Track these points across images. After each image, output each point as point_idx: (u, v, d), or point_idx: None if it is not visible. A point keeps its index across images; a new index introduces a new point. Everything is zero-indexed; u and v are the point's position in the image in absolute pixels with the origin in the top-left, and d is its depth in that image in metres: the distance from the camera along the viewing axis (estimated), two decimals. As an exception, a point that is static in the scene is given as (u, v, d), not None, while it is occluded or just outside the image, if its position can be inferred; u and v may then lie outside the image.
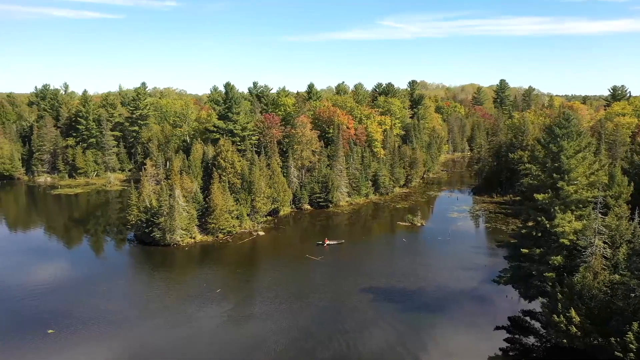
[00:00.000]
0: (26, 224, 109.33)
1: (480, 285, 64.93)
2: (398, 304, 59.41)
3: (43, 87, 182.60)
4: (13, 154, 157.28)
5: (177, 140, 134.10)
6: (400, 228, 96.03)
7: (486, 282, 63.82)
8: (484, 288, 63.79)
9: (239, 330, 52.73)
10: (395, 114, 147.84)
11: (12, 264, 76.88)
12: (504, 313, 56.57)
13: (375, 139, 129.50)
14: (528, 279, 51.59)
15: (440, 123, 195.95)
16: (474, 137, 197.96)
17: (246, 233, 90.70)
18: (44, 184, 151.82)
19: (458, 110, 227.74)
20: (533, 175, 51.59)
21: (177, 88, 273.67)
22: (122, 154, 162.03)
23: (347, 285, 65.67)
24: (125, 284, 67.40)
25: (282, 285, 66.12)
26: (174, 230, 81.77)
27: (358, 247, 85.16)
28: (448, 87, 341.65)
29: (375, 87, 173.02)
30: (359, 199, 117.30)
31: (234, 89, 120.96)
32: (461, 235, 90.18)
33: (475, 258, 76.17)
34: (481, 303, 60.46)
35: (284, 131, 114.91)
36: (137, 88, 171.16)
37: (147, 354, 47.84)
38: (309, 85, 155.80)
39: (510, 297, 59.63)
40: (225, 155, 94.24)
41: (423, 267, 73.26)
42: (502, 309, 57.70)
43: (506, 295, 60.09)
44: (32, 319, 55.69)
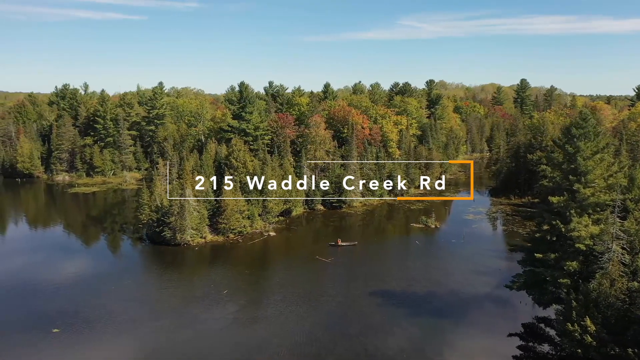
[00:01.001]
0: (44, 221, 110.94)
1: (494, 290, 62.96)
2: (408, 308, 57.89)
3: (63, 87, 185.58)
4: (33, 152, 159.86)
5: (192, 139, 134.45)
6: (414, 230, 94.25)
7: (500, 287, 61.72)
8: (497, 293, 61.79)
9: (243, 333, 51.83)
10: (412, 113, 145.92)
11: (26, 261, 77.61)
12: (517, 319, 54.49)
13: (390, 139, 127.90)
14: (542, 285, 49.58)
15: (459, 123, 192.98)
16: (493, 138, 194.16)
17: (257, 233, 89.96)
18: (62, 182, 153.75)
19: (477, 110, 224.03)
20: (548, 177, 49.59)
21: (195, 88, 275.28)
22: (138, 153, 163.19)
23: (356, 288, 64.34)
24: (133, 283, 67.14)
25: (289, 287, 65.11)
26: (184, 230, 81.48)
27: (370, 248, 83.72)
28: (468, 86, 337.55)
29: (392, 87, 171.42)
30: (372, 200, 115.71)
31: (248, 89, 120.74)
32: (476, 238, 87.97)
33: (490, 262, 74.08)
34: (494, 309, 58.62)
35: (298, 131, 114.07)
36: (154, 88, 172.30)
37: (146, 357, 47.25)
38: (325, 85, 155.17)
39: (524, 303, 57.54)
40: (237, 155, 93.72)
41: (435, 271, 71.51)
42: (516, 315, 55.70)
43: (520, 301, 57.98)
44: (39, 316, 55.75)
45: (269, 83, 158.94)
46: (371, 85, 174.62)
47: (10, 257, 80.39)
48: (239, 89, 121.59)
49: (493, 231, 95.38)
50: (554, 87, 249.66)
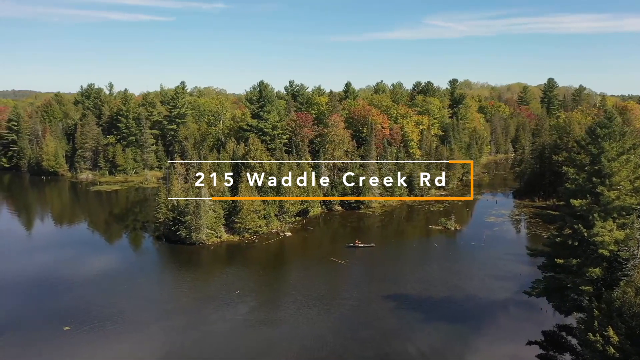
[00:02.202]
0: (67, 219, 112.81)
1: (514, 296, 60.68)
2: (423, 313, 56.19)
3: (88, 86, 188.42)
4: (58, 151, 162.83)
5: (212, 139, 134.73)
6: (433, 232, 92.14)
7: (520, 293, 59.26)
8: (517, 299, 59.47)
9: (251, 335, 50.94)
10: (434, 113, 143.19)
11: (46, 257, 78.60)
12: (537, 327, 52.33)
13: (411, 139, 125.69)
14: (563, 292, 47.28)
15: (483, 123, 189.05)
16: (518, 138, 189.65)
17: (273, 233, 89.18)
18: (86, 180, 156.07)
19: (502, 110, 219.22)
20: (571, 179, 47.28)
21: (217, 87, 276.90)
22: (160, 152, 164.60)
23: (370, 291, 62.91)
24: (146, 282, 67.01)
25: (302, 289, 64.04)
26: (200, 229, 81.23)
27: (387, 250, 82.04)
28: (493, 86, 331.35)
29: (414, 86, 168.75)
30: (392, 201, 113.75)
31: (268, 88, 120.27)
32: (497, 241, 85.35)
33: (510, 266, 71.67)
34: (513, 315, 56.53)
35: (316, 130, 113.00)
36: (176, 87, 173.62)
37: (153, 358, 46.79)
38: (346, 84, 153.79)
39: (544, 310, 55.26)
40: (254, 154, 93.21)
41: (453, 275, 69.45)
42: (536, 322, 53.54)
43: (540, 307, 55.74)
44: (51, 314, 56.05)
45: (289, 82, 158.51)
46: (393, 85, 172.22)
47: (32, 253, 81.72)
48: (258, 88, 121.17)
49: (515, 234, 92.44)
50: (583, 87, 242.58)
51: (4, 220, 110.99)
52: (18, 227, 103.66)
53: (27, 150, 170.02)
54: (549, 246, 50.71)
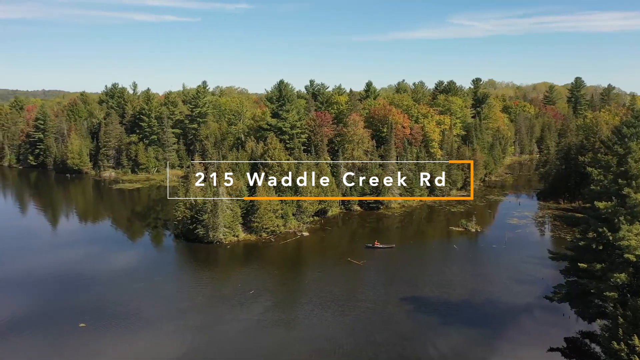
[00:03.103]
0: (90, 216, 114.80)
1: (535, 301, 58.79)
2: (440, 317, 54.89)
3: (112, 86, 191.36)
4: (82, 149, 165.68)
5: (232, 138, 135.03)
6: (453, 234, 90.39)
7: (542, 298, 57.51)
8: (539, 303, 57.65)
9: (264, 336, 50.42)
10: (456, 113, 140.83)
11: (68, 254, 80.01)
12: (559, 333, 50.65)
13: (432, 139, 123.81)
14: (586, 298, 45.49)
15: (507, 123, 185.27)
16: (544, 139, 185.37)
17: (290, 233, 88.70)
18: (109, 178, 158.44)
19: (527, 110, 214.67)
20: (595, 180, 45.46)
21: (239, 87, 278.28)
22: (181, 150, 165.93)
23: (386, 294, 61.85)
24: (163, 281, 67.12)
25: (317, 290, 63.33)
26: (217, 228, 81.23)
27: (405, 252, 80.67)
28: (518, 86, 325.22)
29: (436, 85, 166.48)
30: (411, 201, 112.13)
31: (287, 87, 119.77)
32: (519, 243, 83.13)
33: (532, 270, 69.67)
34: (535, 320, 54.83)
35: (336, 129, 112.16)
36: (197, 86, 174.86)
37: (164, 357, 46.65)
38: (367, 84, 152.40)
39: (567, 316, 53.36)
40: (272, 153, 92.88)
41: (473, 278, 67.79)
42: (558, 329, 51.82)
43: (563, 313, 53.86)
44: (68, 310, 56.61)
45: (309, 82, 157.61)
46: (414, 84, 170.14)
47: (55, 250, 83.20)
48: (278, 87, 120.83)
49: (539, 237, 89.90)
50: (612, 86, 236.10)
51: (30, 217, 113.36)
52: (43, 224, 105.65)
53: (53, 149, 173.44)
54: (572, 250, 48.89)
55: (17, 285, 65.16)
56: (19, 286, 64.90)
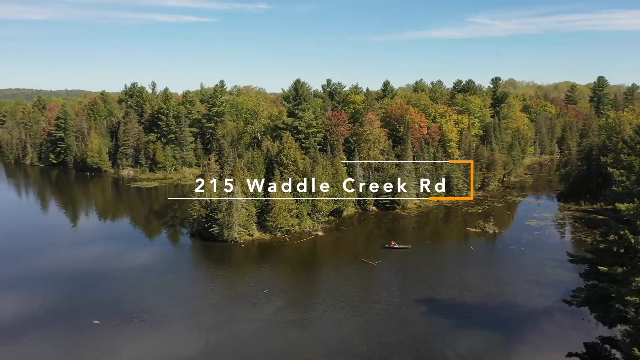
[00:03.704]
0: (109, 214, 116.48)
1: (554, 304, 57.31)
2: (456, 319, 53.89)
3: (132, 85, 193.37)
4: (101, 148, 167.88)
5: (248, 137, 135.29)
6: (470, 235, 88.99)
7: (561, 301, 56.12)
8: (557, 307, 56.12)
9: (276, 336, 50.15)
10: (474, 112, 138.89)
11: (86, 251, 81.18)
12: (579, 338, 49.44)
13: (449, 139, 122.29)
14: (607, 302, 44.12)
15: (527, 123, 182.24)
16: (565, 139, 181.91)
17: (305, 233, 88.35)
18: (127, 176, 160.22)
19: (548, 109, 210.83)
20: (617, 181, 44.05)
21: (256, 86, 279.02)
22: (198, 149, 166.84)
23: (401, 295, 61.03)
24: (177, 279, 67.43)
25: (331, 290, 62.84)
26: (232, 227, 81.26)
27: (421, 253, 79.66)
28: (539, 85, 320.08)
29: (455, 85, 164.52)
30: (428, 202, 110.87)
31: (304, 86, 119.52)
32: (538, 245, 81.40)
33: (551, 272, 68.09)
34: (553, 324, 53.46)
35: (352, 129, 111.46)
36: (215, 86, 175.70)
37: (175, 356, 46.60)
38: (385, 83, 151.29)
39: (587, 320, 51.92)
40: (287, 152, 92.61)
41: (489, 280, 66.56)
42: (578, 333, 50.53)
43: (582, 317, 52.42)
44: (84, 307, 57.32)
45: (326, 81, 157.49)
46: (432, 83, 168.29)
47: (74, 247, 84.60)
48: (294, 86, 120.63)
49: (558, 239, 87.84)
50: (636, 85, 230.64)
51: (51, 214, 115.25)
52: (64, 221, 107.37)
53: (74, 147, 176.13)
54: (592, 252, 47.54)
55: (36, 281, 66.15)
56: (38, 282, 65.88)
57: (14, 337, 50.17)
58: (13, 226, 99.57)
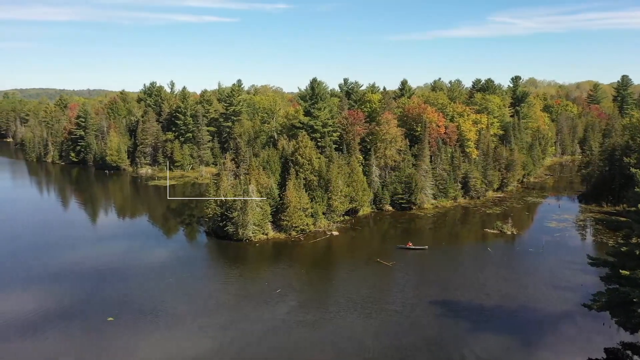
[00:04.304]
0: (127, 211, 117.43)
1: (574, 308, 55.95)
2: (471, 322, 52.85)
3: (150, 84, 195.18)
4: (120, 146, 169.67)
5: (265, 136, 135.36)
6: (488, 236, 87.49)
7: (580, 305, 54.66)
8: (577, 311, 54.84)
9: (288, 336, 49.76)
10: (493, 112, 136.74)
11: (103, 248, 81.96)
12: (599, 343, 48.12)
13: (467, 139, 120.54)
14: (628, 307, 42.71)
15: (547, 123, 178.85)
16: (587, 139, 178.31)
17: (320, 232, 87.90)
18: (145, 175, 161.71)
19: (570, 109, 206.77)
20: (639, 182, 42.65)
21: (274, 86, 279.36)
22: (215, 148, 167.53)
23: (415, 296, 60.16)
24: (191, 277, 67.53)
25: (344, 290, 62.29)
26: (247, 226, 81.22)
27: (438, 254, 78.49)
28: (561, 84, 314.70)
29: (474, 84, 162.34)
30: (445, 202, 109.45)
31: (320, 85, 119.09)
32: (557, 247, 79.60)
33: (571, 276, 66.45)
34: (572, 329, 52.14)
35: (368, 128, 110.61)
36: (232, 85, 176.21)
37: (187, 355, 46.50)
38: (402, 82, 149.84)
39: (608, 325, 50.40)
40: (303, 152, 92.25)
41: (507, 282, 65.19)
42: (598, 338, 49.21)
43: (603, 322, 50.93)
44: (98, 303, 57.77)
45: (343, 80, 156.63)
46: (450, 82, 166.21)
47: (92, 244, 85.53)
48: (310, 85, 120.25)
49: (579, 241, 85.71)
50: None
51: (71, 211, 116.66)
52: (83, 218, 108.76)
53: (93, 146, 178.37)
54: (613, 256, 46.14)
55: (53, 278, 66.96)
56: (57, 278, 66.71)
57: (34, 332, 50.87)
58: (34, 223, 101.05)
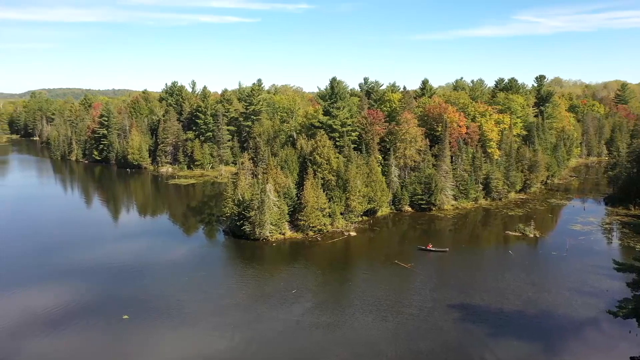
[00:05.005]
0: (148, 210, 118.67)
1: (598, 315, 54.08)
2: (491, 327, 51.45)
3: (172, 84, 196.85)
4: (142, 145, 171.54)
5: (284, 135, 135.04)
6: (509, 239, 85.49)
7: (605, 312, 52.81)
8: (602, 318, 53.00)
9: (302, 338, 49.14)
10: (517, 112, 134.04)
11: (120, 246, 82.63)
12: (624, 351, 46.42)
13: (489, 139, 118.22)
14: (657, 315, 40.98)
15: (573, 123, 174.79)
16: (614, 140, 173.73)
17: (337, 232, 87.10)
18: (166, 173, 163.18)
19: (596, 109, 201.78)
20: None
21: (294, 85, 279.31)
22: (235, 147, 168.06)
23: (433, 299, 58.89)
24: (207, 276, 67.45)
25: (360, 292, 61.40)
26: (264, 225, 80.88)
27: (456, 256, 76.93)
28: (587, 84, 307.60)
29: (496, 83, 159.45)
30: (466, 203, 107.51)
31: (340, 84, 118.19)
32: (581, 251, 77.27)
33: (595, 281, 64.31)
34: (596, 336, 50.43)
35: (388, 128, 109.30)
36: (252, 84, 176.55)
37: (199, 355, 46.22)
38: (423, 81, 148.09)
39: (635, 333, 48.47)
40: (321, 151, 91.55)
41: (528, 286, 63.33)
42: (624, 346, 47.47)
43: (630, 330, 48.98)
44: (115, 301, 58.03)
45: (364, 79, 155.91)
46: (472, 82, 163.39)
47: (111, 241, 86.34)
48: (330, 84, 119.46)
49: (605, 245, 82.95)
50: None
51: (94, 209, 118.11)
52: (105, 216, 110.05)
53: (116, 144, 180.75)
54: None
55: (75, 275, 67.65)
56: (77, 275, 67.37)
57: (54, 329, 51.37)
58: (59, 220, 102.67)
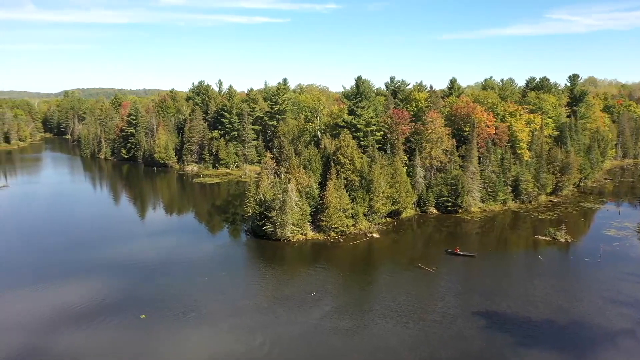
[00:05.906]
0: (174, 208, 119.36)
1: (635, 327, 51.26)
2: (517, 336, 49.16)
3: (199, 83, 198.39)
4: (168, 144, 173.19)
5: (308, 134, 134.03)
6: (539, 243, 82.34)
7: (641, 323, 50.15)
8: (637, 329, 50.21)
9: (320, 343, 47.84)
10: (548, 112, 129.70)
11: (145, 243, 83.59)
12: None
13: (519, 139, 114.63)
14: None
15: (608, 124, 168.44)
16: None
17: (360, 234, 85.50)
18: (191, 172, 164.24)
19: (633, 109, 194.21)
20: None
21: (320, 84, 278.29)
22: (260, 147, 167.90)
23: (457, 306, 56.82)
24: (226, 276, 66.84)
25: (382, 297, 59.71)
26: (285, 225, 79.92)
27: (483, 260, 74.34)
28: (623, 83, 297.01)
29: (527, 82, 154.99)
30: (494, 206, 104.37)
31: (365, 83, 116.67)
32: (616, 257, 73.66)
33: (631, 289, 61.10)
34: (632, 347, 47.63)
35: (413, 128, 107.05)
36: (278, 84, 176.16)
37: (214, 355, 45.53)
38: (451, 81, 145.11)
39: (673, 348, 45.66)
40: (344, 151, 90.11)
41: (558, 294, 60.53)
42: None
43: (668, 344, 46.15)
44: (134, 300, 58.08)
45: (390, 78, 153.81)
46: (502, 81, 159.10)
47: (135, 239, 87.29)
48: (355, 83, 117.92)
49: (638, 252, 79.26)
50: None
51: (122, 207, 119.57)
52: (132, 214, 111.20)
53: (143, 143, 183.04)
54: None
55: (100, 272, 68.22)
56: (102, 272, 67.95)
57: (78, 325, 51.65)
58: (88, 217, 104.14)
